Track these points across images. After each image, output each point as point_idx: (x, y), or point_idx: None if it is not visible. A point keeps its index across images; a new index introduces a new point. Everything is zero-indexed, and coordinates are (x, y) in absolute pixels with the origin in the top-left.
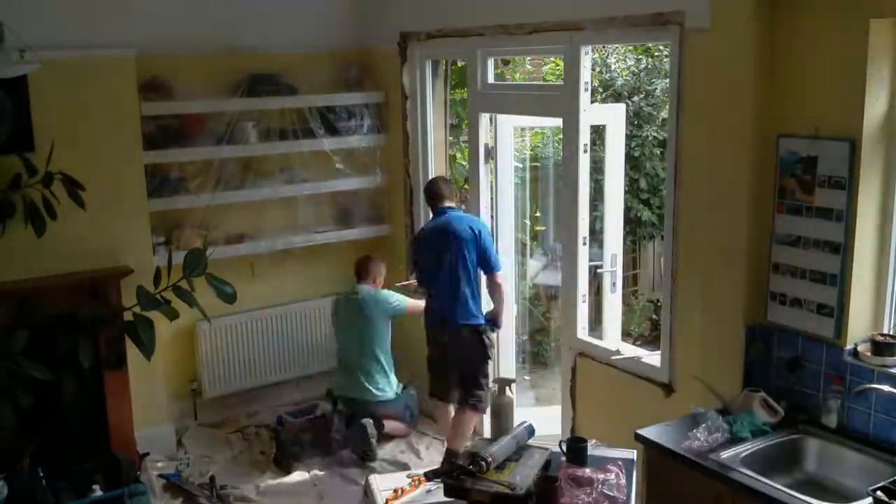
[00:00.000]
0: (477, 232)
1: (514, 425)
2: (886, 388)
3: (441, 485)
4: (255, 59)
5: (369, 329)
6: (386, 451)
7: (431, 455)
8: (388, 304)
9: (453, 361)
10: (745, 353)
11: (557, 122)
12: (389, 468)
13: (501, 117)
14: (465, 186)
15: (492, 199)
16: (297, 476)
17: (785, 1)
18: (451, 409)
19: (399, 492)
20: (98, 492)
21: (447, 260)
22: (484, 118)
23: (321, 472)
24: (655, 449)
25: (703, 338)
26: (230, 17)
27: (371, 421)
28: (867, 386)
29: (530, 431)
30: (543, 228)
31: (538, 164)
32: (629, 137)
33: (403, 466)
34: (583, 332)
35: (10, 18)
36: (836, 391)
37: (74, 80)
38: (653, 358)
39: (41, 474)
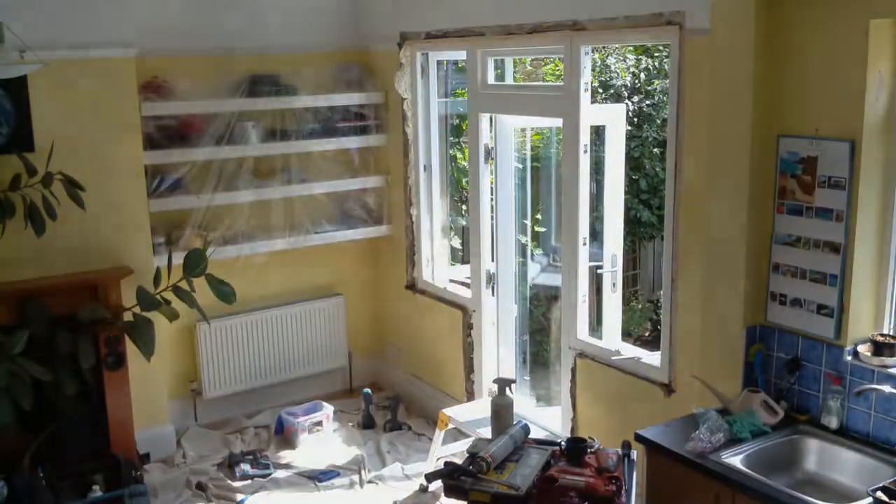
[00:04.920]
0: None
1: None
2: (886, 388)
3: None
4: (255, 59)
5: None
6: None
7: None
8: None
9: None
10: (745, 353)
11: (557, 122)
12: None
13: (501, 117)
14: (465, 186)
15: (492, 199)
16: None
17: (785, 1)
18: None
19: None
20: (98, 492)
21: None
22: (484, 118)
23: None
24: (656, 449)
25: (703, 338)
26: (230, 18)
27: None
28: (867, 386)
29: (526, 430)
30: (544, 230)
31: (539, 165)
32: (629, 138)
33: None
34: (583, 332)
35: (10, 18)
36: (836, 391)
37: (74, 80)
38: (653, 358)
39: (41, 474)
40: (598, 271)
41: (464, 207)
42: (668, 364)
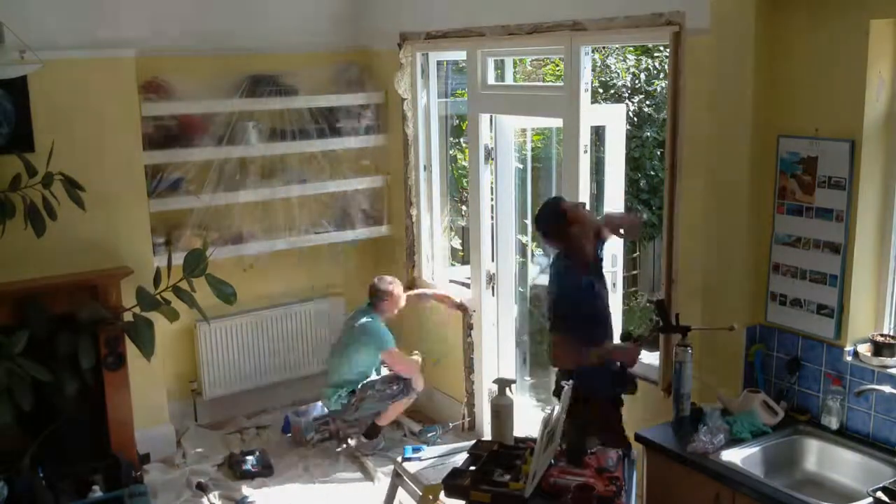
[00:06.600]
0: None
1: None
2: (886, 388)
3: None
4: (255, 59)
5: (350, 349)
6: None
7: None
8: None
9: None
10: (745, 353)
11: (558, 122)
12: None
13: (501, 117)
14: (465, 186)
15: (492, 199)
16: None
17: (785, 1)
18: None
19: None
20: (98, 492)
21: None
22: (484, 118)
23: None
24: (656, 449)
25: (703, 338)
26: (230, 18)
27: None
28: (867, 386)
29: None
30: None
31: (539, 165)
32: (629, 138)
33: None
34: None
35: (10, 18)
36: (836, 391)
37: (74, 80)
38: (653, 358)
39: (41, 474)
40: None
41: (464, 207)
42: (668, 364)
